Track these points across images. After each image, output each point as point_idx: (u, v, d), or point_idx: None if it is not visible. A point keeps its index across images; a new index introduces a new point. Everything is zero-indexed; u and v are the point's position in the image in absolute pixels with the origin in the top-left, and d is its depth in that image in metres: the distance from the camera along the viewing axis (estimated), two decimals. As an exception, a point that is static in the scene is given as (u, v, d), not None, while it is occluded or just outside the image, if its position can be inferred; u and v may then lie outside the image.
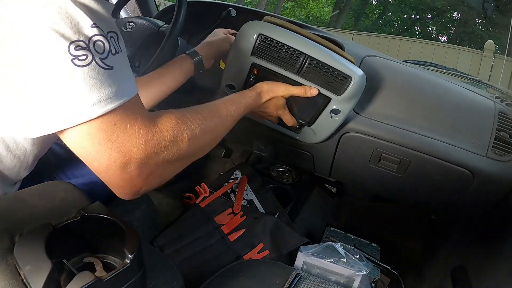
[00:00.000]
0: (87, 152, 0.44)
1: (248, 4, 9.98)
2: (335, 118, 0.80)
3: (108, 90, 0.43)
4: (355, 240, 1.15)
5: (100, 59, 0.42)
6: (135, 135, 0.46)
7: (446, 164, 0.83)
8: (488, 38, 6.55)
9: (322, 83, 0.74)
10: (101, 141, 0.44)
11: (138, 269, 0.45)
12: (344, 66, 0.72)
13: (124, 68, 0.46)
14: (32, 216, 0.47)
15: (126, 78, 0.46)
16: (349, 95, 0.75)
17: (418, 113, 0.87)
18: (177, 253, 1.01)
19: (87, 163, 0.46)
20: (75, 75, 0.41)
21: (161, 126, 0.49)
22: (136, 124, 0.46)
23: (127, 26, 1.03)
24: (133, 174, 0.47)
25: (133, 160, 0.46)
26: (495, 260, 0.84)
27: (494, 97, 0.98)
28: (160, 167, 0.50)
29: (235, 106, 0.67)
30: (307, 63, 0.72)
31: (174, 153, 0.51)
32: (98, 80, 0.42)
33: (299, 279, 0.68)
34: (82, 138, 0.44)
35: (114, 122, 0.44)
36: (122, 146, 0.45)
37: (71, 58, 0.40)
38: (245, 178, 1.30)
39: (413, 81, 0.95)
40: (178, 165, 0.54)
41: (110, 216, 0.47)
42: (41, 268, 0.39)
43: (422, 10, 9.32)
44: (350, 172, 1.03)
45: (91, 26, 0.42)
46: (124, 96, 0.45)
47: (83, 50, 0.41)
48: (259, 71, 0.77)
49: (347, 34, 7.23)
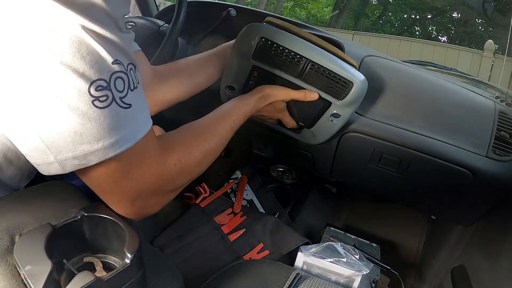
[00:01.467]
0: (101, 188, 0.46)
1: (248, 4, 9.98)
2: (335, 122, 0.80)
3: (126, 130, 0.42)
4: (355, 240, 1.15)
5: (120, 98, 0.40)
6: (148, 172, 0.46)
7: (446, 164, 0.83)
8: (488, 38, 6.56)
9: (323, 88, 0.74)
10: (116, 180, 0.44)
11: (138, 269, 0.45)
12: (346, 72, 0.71)
13: (140, 102, 0.45)
14: (32, 216, 0.47)
15: (142, 113, 0.45)
16: (350, 100, 0.74)
17: (418, 113, 0.87)
18: (177, 253, 1.01)
19: (100, 196, 0.47)
20: (95, 117, 0.38)
21: (170, 160, 0.50)
22: (149, 160, 0.46)
23: (127, 26, 1.03)
24: (141, 205, 0.49)
25: (143, 195, 0.47)
26: (495, 260, 0.84)
27: (494, 97, 0.98)
28: (166, 196, 0.53)
29: (234, 117, 0.67)
30: (308, 68, 0.71)
31: (180, 183, 0.53)
32: (117, 120, 0.40)
33: (299, 279, 0.68)
34: (98, 176, 0.44)
35: (130, 161, 0.44)
36: (135, 183, 0.46)
37: (92, 100, 0.38)
38: (245, 178, 1.30)
39: (413, 81, 0.95)
40: (180, 189, 0.57)
41: (110, 216, 0.47)
42: (41, 268, 0.39)
43: (422, 10, 9.33)
44: (350, 172, 1.03)
45: (113, 63, 0.39)
46: (140, 134, 0.44)
47: (104, 90, 0.38)
48: (259, 74, 0.77)
49: (347, 34, 7.23)
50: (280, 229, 1.09)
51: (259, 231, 1.08)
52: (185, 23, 0.93)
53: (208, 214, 1.13)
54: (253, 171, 1.35)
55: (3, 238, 0.43)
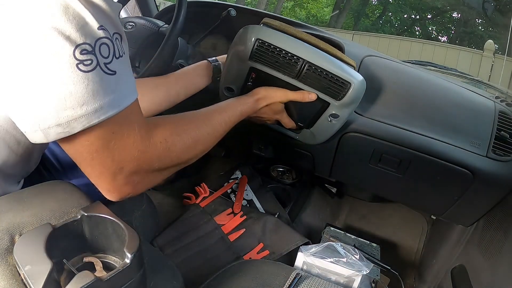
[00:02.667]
0: (83, 157, 0.45)
1: (248, 4, 9.98)
2: (334, 122, 0.80)
3: (110, 96, 0.42)
4: (355, 240, 1.15)
5: (105, 64, 0.41)
6: (131, 146, 0.46)
7: (446, 164, 0.83)
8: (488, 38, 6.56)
9: (321, 88, 0.74)
10: (98, 149, 0.44)
11: (138, 269, 0.45)
12: (344, 72, 0.71)
13: (126, 72, 0.46)
14: (32, 216, 0.47)
15: (127, 83, 0.46)
16: (349, 101, 0.74)
17: (418, 113, 0.87)
18: (177, 253, 1.01)
19: (81, 167, 0.46)
20: (79, 80, 0.39)
21: (155, 137, 0.49)
22: (133, 133, 0.46)
23: (127, 26, 1.03)
24: (123, 181, 0.48)
25: (125, 169, 0.46)
26: (495, 260, 0.84)
27: (494, 97, 0.98)
28: (150, 175, 0.51)
29: (229, 113, 0.67)
30: (305, 68, 0.71)
31: (165, 163, 0.52)
32: (101, 86, 0.41)
33: (299, 279, 0.68)
34: (80, 145, 0.43)
35: (113, 130, 0.44)
36: (117, 155, 0.45)
37: (76, 63, 0.38)
38: (245, 178, 1.30)
39: (413, 81, 0.95)
40: (166, 173, 0.55)
41: (110, 216, 0.47)
42: (41, 268, 0.39)
43: (422, 10, 9.33)
44: (350, 172, 1.03)
45: (98, 28, 0.40)
46: (125, 102, 0.44)
47: (88, 54, 0.39)
48: (257, 75, 0.77)
49: (347, 34, 7.23)
50: (280, 229, 1.09)
51: (259, 231, 1.08)
52: (185, 23, 0.93)
53: (208, 214, 1.13)
54: (253, 171, 1.35)
55: (3, 238, 0.43)
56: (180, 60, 1.06)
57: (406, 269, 1.23)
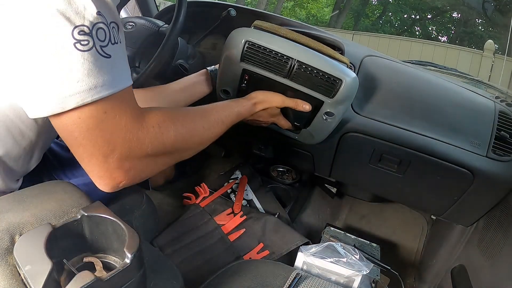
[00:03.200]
0: (74, 137, 0.46)
1: (248, 4, 9.98)
2: (330, 120, 0.80)
3: (104, 77, 0.44)
4: (355, 240, 1.15)
5: (100, 47, 0.43)
6: (122, 126, 0.47)
7: (446, 164, 0.83)
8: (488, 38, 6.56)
9: (313, 86, 0.74)
10: (90, 127, 0.45)
11: (138, 269, 0.45)
12: (334, 69, 0.71)
13: (121, 59, 0.48)
14: (32, 216, 0.47)
15: (122, 69, 0.48)
16: (341, 98, 0.74)
17: (418, 113, 0.87)
18: (177, 253, 1.01)
19: (72, 149, 0.47)
20: (75, 58, 0.42)
21: (148, 121, 0.51)
22: (125, 115, 0.47)
23: (127, 26, 1.03)
24: (115, 165, 0.48)
25: (117, 151, 0.47)
26: (495, 260, 0.84)
27: (494, 97, 0.98)
28: (143, 162, 0.51)
29: (226, 112, 0.68)
30: (295, 67, 0.72)
31: (157, 149, 0.52)
32: (96, 66, 0.43)
33: (299, 279, 0.68)
34: (71, 123, 0.45)
35: (105, 110, 0.45)
36: (108, 135, 0.46)
37: (74, 42, 0.41)
38: (245, 178, 1.30)
39: (413, 81, 0.95)
40: (160, 163, 0.55)
41: (110, 216, 0.47)
42: (41, 268, 0.39)
43: (422, 10, 9.33)
44: (350, 172, 1.03)
45: (96, 13, 0.43)
46: (118, 86, 0.46)
47: (86, 35, 0.42)
48: (250, 76, 0.78)
49: (347, 34, 7.23)
50: (280, 229, 1.09)
51: (259, 231, 1.08)
52: (185, 23, 0.93)
53: (208, 214, 1.13)
54: (253, 171, 1.35)
55: (3, 238, 0.43)
56: (180, 60, 1.06)
57: (406, 269, 1.23)
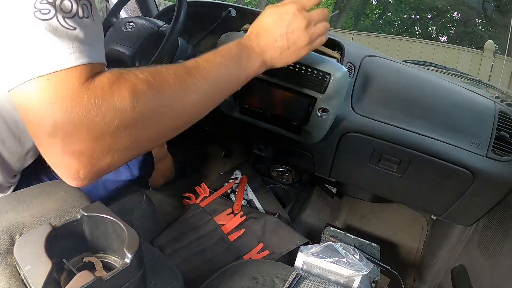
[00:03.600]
0: (29, 110, 0.40)
1: (248, 4, 9.97)
2: (325, 117, 0.80)
3: (64, 50, 0.40)
4: (355, 240, 1.15)
5: (63, 17, 0.40)
6: (63, 95, 0.40)
7: (446, 164, 0.83)
8: (488, 38, 6.56)
9: (304, 83, 0.75)
10: (44, 103, 0.40)
11: (138, 269, 0.45)
12: (321, 64, 0.72)
13: (91, 34, 0.43)
14: (32, 216, 0.47)
15: (91, 45, 0.43)
16: (333, 92, 0.74)
17: (418, 113, 0.87)
18: (177, 253, 1.01)
19: (28, 126, 0.42)
20: (34, 27, 0.39)
21: (97, 82, 0.41)
22: (79, 90, 0.40)
23: (127, 26, 1.03)
24: (61, 148, 0.41)
25: (59, 127, 0.40)
26: (495, 260, 0.84)
27: (494, 97, 0.98)
28: (99, 142, 0.42)
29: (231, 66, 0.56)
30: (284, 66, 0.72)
31: (111, 118, 0.41)
32: (56, 36, 0.40)
33: (299, 279, 0.68)
34: (21, 98, 0.41)
35: (58, 81, 0.40)
36: (48, 108, 0.40)
37: (34, 11, 0.39)
38: (245, 178, 1.30)
39: (413, 81, 0.95)
40: (126, 144, 0.44)
41: (110, 216, 0.47)
42: (41, 268, 0.39)
43: (422, 10, 9.32)
44: (350, 172, 1.03)
45: None
46: (81, 59, 0.41)
47: (47, 4, 0.40)
48: None
49: (347, 34, 7.22)
50: (280, 229, 1.09)
51: (259, 231, 1.08)
52: (185, 23, 0.93)
53: (208, 214, 1.13)
54: (253, 171, 1.35)
55: (3, 238, 0.43)
56: (180, 60, 1.06)
57: (406, 269, 1.23)
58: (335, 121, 0.87)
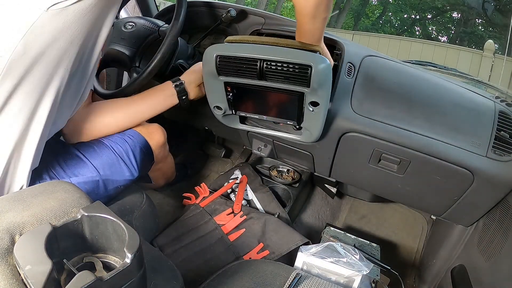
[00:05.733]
0: None
1: (248, 4, 9.96)
2: (317, 111, 0.79)
3: None
4: (355, 240, 1.15)
5: None
6: None
7: (446, 164, 0.83)
8: (488, 38, 6.56)
9: (288, 80, 0.75)
10: None
11: (138, 269, 0.45)
12: (299, 57, 0.71)
13: None
14: (32, 216, 0.47)
15: None
16: (317, 83, 0.73)
17: (418, 113, 0.87)
18: (177, 253, 1.01)
19: None
20: None
21: None
22: None
23: (127, 26, 1.03)
24: None
25: None
26: (495, 260, 0.84)
27: (494, 97, 0.98)
28: None
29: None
30: (264, 66, 0.73)
31: None
32: None
33: (299, 279, 0.68)
34: None
35: None
36: None
37: None
38: (245, 178, 1.30)
39: (413, 81, 0.95)
40: None
41: (110, 216, 0.47)
42: (41, 268, 0.39)
43: (422, 10, 9.31)
44: (350, 172, 1.03)
45: None
46: None
47: None
48: (231, 88, 0.82)
49: (347, 34, 7.23)
50: (280, 229, 1.08)
51: (259, 231, 1.08)
52: (185, 23, 0.93)
53: (208, 214, 1.13)
54: (253, 171, 1.35)
55: (3, 238, 0.43)
56: (180, 60, 1.06)
57: (406, 269, 1.23)
58: (335, 121, 0.87)
